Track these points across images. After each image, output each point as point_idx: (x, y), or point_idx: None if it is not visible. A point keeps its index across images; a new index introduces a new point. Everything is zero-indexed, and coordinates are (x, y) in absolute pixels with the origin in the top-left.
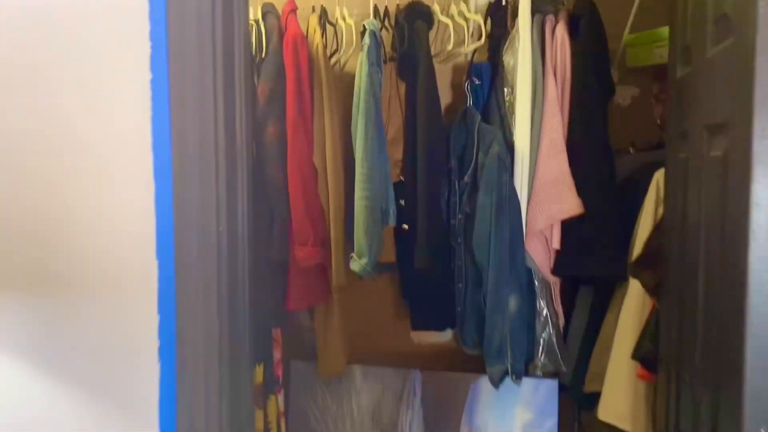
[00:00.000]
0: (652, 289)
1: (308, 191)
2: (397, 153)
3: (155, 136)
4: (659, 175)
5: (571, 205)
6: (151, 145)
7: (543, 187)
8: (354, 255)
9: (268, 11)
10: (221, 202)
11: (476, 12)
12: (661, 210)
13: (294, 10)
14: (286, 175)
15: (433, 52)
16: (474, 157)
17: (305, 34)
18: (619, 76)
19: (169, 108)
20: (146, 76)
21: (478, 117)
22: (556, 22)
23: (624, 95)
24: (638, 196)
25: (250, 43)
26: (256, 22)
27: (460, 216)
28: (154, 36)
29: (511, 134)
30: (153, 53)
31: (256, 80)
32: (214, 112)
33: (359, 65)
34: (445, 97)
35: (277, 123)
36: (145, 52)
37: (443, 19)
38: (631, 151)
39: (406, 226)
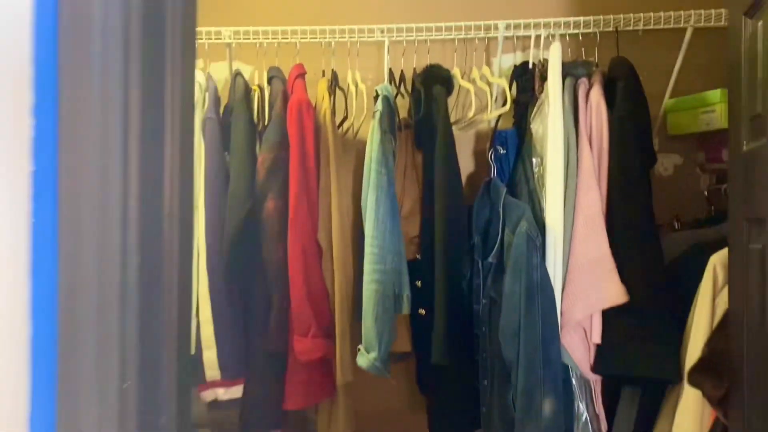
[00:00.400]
0: (717, 401)
1: (311, 274)
2: (414, 229)
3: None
4: (716, 261)
5: (612, 292)
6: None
7: (580, 271)
8: (361, 348)
9: (273, 76)
10: (129, 347)
11: (500, 76)
12: (721, 302)
13: (302, 74)
14: (286, 255)
15: (453, 118)
16: (500, 235)
17: (314, 99)
18: (660, 144)
19: (57, 223)
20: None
21: (504, 190)
22: (590, 85)
23: (665, 164)
24: (688, 281)
25: (192, 131)
26: (260, 87)
27: (484, 301)
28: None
29: (541, 210)
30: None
31: (257, 150)
32: (122, 232)
33: (370, 133)
34: (466, 167)
35: (278, 197)
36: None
37: (464, 83)
38: (676, 227)
39: (423, 311)
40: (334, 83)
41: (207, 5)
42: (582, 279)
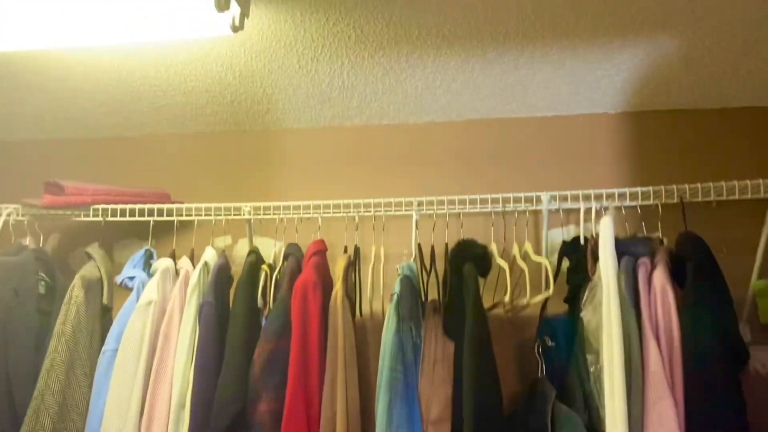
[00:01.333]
0: None
1: None
2: None
3: None
4: None
5: None
6: None
7: None
8: None
9: (290, 253)
10: None
11: (548, 253)
12: None
13: (320, 251)
14: None
15: (492, 301)
16: None
17: (331, 279)
18: (751, 334)
19: None
20: None
21: (552, 394)
22: (653, 266)
23: (762, 359)
24: None
25: None
26: (271, 266)
27: None
28: None
29: (599, 421)
30: None
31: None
32: None
33: (386, 321)
34: (509, 362)
35: (274, 398)
36: None
37: (500, 262)
38: None
39: None
40: (356, 260)
41: (227, 181)
42: None
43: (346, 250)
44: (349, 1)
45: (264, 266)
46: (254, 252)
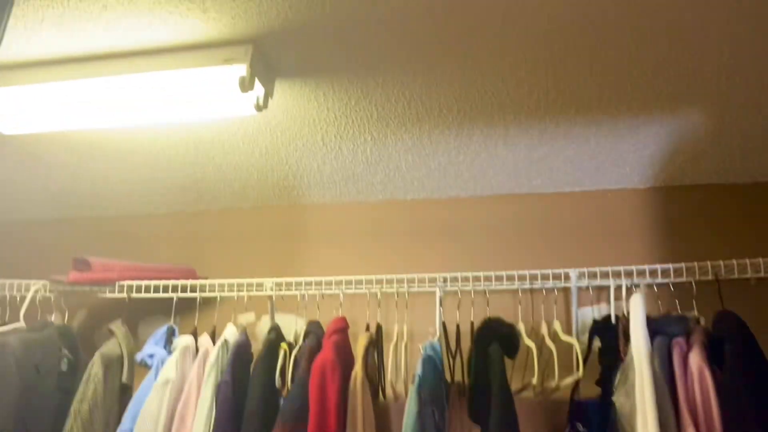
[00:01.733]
0: None
1: None
2: None
3: None
4: None
5: None
6: None
7: None
8: None
9: (311, 331)
10: None
11: (579, 332)
12: None
13: (341, 329)
14: None
15: (520, 383)
16: None
17: (353, 359)
18: None
19: None
20: None
21: None
22: (689, 347)
23: None
24: None
25: None
26: (289, 345)
27: None
28: None
29: None
30: None
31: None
32: None
33: (407, 404)
34: None
35: None
36: None
37: (527, 341)
38: None
39: None
40: (378, 339)
41: (253, 257)
42: None
43: (368, 328)
44: (370, 81)
45: (283, 344)
46: (274, 329)
